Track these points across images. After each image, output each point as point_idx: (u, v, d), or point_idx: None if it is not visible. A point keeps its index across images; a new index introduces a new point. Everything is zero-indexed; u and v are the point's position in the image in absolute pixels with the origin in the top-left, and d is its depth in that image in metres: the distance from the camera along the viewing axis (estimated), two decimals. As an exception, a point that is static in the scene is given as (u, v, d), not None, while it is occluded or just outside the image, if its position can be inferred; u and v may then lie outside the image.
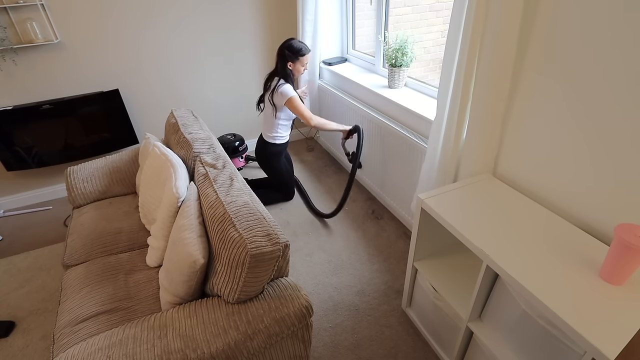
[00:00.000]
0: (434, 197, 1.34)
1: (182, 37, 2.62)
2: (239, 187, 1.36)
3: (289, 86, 2.17)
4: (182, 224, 1.26)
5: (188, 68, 2.75)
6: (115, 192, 1.98)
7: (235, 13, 2.70)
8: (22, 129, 2.35)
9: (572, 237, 1.14)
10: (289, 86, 2.17)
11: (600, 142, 1.10)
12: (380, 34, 2.34)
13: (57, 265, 2.08)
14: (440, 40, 3.31)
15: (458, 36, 1.32)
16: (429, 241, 1.50)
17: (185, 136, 1.77)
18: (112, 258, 1.56)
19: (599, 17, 1.02)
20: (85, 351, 1.04)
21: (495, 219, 1.23)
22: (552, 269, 1.02)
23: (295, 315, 1.14)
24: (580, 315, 0.89)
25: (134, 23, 2.45)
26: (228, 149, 2.81)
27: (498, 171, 1.49)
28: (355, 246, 2.15)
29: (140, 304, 1.34)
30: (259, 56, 2.94)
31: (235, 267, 1.09)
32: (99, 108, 2.51)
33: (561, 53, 1.13)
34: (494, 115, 1.35)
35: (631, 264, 0.92)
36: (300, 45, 2.18)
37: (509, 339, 1.15)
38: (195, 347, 1.03)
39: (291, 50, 2.15)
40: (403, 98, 2.06)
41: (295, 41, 2.18)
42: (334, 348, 1.60)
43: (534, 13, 1.18)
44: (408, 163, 2.01)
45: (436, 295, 1.44)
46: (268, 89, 2.23)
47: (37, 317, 1.78)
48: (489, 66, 1.27)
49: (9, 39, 2.17)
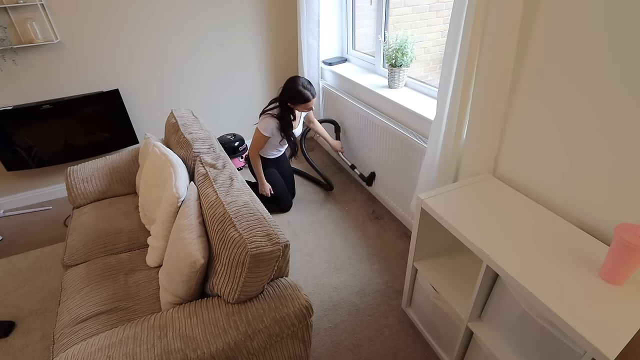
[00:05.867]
0: (433, 197, 1.34)
1: (182, 36, 2.62)
2: (239, 187, 1.36)
3: (272, 124, 2.12)
4: (182, 224, 1.26)
5: (188, 68, 2.75)
6: (115, 192, 1.98)
7: (235, 13, 2.70)
8: (22, 129, 2.35)
9: (572, 237, 1.14)
10: (272, 124, 2.12)
11: (601, 142, 1.10)
12: (380, 34, 2.34)
13: (57, 265, 2.08)
14: (440, 40, 3.31)
15: (458, 36, 1.32)
16: (429, 241, 1.50)
17: (185, 136, 1.77)
18: (112, 258, 1.56)
19: (598, 17, 1.02)
20: (85, 351, 1.04)
21: (495, 218, 1.23)
22: (552, 269, 1.02)
23: (295, 315, 1.14)
24: (580, 315, 0.89)
25: (134, 23, 2.45)
26: (228, 149, 2.81)
27: (498, 171, 1.49)
28: (355, 246, 2.14)
29: (140, 304, 1.34)
30: (259, 56, 2.94)
31: (235, 267, 1.09)
32: (99, 108, 2.51)
33: (561, 53, 1.13)
34: (494, 115, 1.35)
35: (631, 264, 0.92)
36: (302, 92, 2.05)
37: (509, 339, 1.15)
38: (195, 347, 1.03)
39: (291, 95, 2.07)
40: (403, 98, 2.06)
41: (298, 87, 2.05)
42: (334, 348, 1.60)
43: (534, 13, 1.18)
44: (408, 163, 2.01)
45: (436, 295, 1.44)
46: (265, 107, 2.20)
47: (37, 317, 1.78)
48: (489, 66, 1.27)
49: (9, 39, 2.17)
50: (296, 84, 2.08)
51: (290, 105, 2.13)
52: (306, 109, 2.15)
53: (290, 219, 2.40)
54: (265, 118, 2.15)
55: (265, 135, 2.15)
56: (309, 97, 2.08)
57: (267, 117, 2.14)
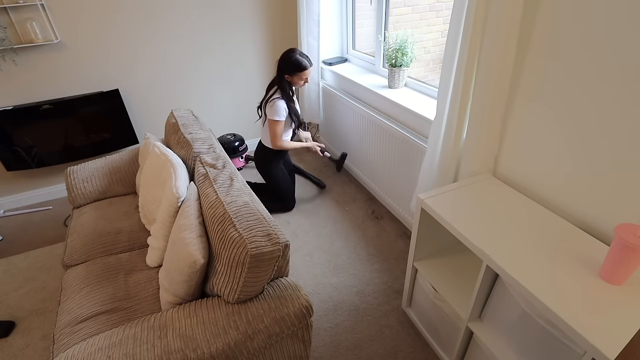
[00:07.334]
0: (433, 197, 1.34)
1: (182, 36, 2.62)
2: (239, 187, 1.36)
3: (282, 105, 2.11)
4: (182, 224, 1.26)
5: (188, 68, 2.75)
6: (115, 192, 1.98)
7: (236, 14, 2.70)
8: (22, 129, 2.35)
9: (572, 237, 1.14)
10: (282, 104, 2.11)
11: (601, 142, 1.10)
12: (380, 34, 2.34)
13: (57, 265, 2.08)
14: (440, 40, 3.31)
15: (458, 36, 1.32)
16: (429, 241, 1.50)
17: (185, 136, 1.77)
18: (112, 258, 1.56)
19: (597, 17, 1.02)
20: (85, 351, 1.04)
21: (495, 218, 1.23)
22: (552, 269, 1.02)
23: (295, 315, 1.14)
24: (580, 315, 0.89)
25: (134, 23, 2.45)
26: (228, 149, 2.81)
27: (498, 171, 1.49)
28: (355, 246, 2.15)
29: (140, 304, 1.34)
30: (259, 56, 2.94)
31: (235, 267, 1.09)
32: (99, 108, 2.51)
33: (561, 53, 1.13)
34: (494, 115, 1.35)
35: (631, 264, 0.92)
36: (298, 59, 2.08)
37: (509, 339, 1.15)
38: (195, 347, 1.03)
39: (288, 64, 2.09)
40: (403, 98, 2.06)
41: (294, 55, 2.09)
42: (334, 348, 1.60)
43: (534, 13, 1.18)
44: (408, 163, 2.01)
45: (436, 295, 1.44)
46: (265, 97, 2.19)
47: (37, 317, 1.78)
48: (489, 66, 1.27)
49: (9, 39, 2.17)
50: (293, 52, 2.10)
51: (287, 77, 2.13)
52: (302, 79, 2.14)
53: (290, 219, 2.40)
54: (271, 104, 2.11)
55: (280, 120, 2.12)
56: (306, 64, 2.10)
57: (273, 102, 2.11)
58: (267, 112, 2.15)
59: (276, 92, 2.15)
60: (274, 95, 2.13)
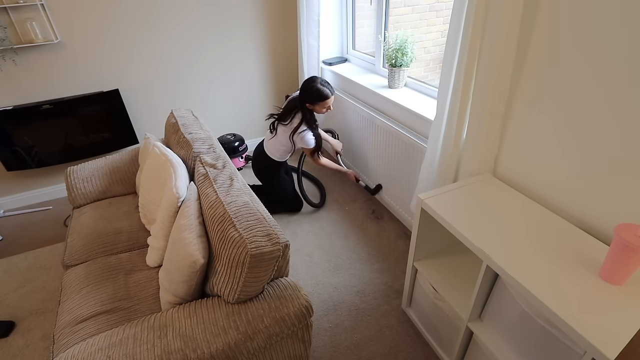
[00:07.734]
0: (433, 197, 1.34)
1: (182, 36, 2.62)
2: (239, 187, 1.36)
3: (310, 136, 2.15)
4: (182, 224, 1.26)
5: (188, 68, 2.75)
6: (115, 192, 1.98)
7: (236, 13, 2.70)
8: (22, 129, 2.35)
9: (572, 237, 1.14)
10: (310, 136, 2.15)
11: (600, 142, 1.10)
12: (380, 34, 2.34)
13: (57, 265, 2.08)
14: (440, 40, 3.31)
15: (458, 36, 1.32)
16: (429, 241, 1.50)
17: (185, 136, 1.77)
18: (112, 258, 1.56)
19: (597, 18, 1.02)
20: (85, 351, 1.04)
21: (495, 218, 1.23)
22: (551, 269, 1.02)
23: (295, 315, 1.14)
24: (580, 315, 0.89)
25: (134, 23, 2.45)
26: (228, 149, 2.81)
27: (498, 171, 1.49)
28: (355, 246, 2.15)
29: (140, 304, 1.34)
30: (259, 56, 2.94)
31: (235, 267, 1.09)
32: (99, 108, 2.51)
33: (562, 53, 1.13)
34: (494, 115, 1.35)
35: (631, 264, 0.92)
36: (320, 89, 2.06)
37: (509, 339, 1.15)
38: (195, 347, 1.03)
39: (309, 94, 2.07)
40: (403, 98, 2.06)
41: (316, 85, 2.07)
42: (334, 348, 1.60)
43: (534, 13, 1.18)
44: (408, 163, 2.01)
45: (436, 295, 1.44)
46: (287, 123, 2.17)
47: (37, 317, 1.78)
48: (489, 66, 1.27)
49: (9, 39, 2.17)
50: (314, 81, 2.09)
51: (309, 106, 2.13)
52: (324, 107, 2.14)
53: (290, 219, 2.40)
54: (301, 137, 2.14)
55: (313, 147, 2.20)
56: (328, 93, 2.09)
57: (301, 135, 2.14)
58: (298, 143, 2.19)
59: (302, 124, 2.14)
60: (300, 128, 2.13)
